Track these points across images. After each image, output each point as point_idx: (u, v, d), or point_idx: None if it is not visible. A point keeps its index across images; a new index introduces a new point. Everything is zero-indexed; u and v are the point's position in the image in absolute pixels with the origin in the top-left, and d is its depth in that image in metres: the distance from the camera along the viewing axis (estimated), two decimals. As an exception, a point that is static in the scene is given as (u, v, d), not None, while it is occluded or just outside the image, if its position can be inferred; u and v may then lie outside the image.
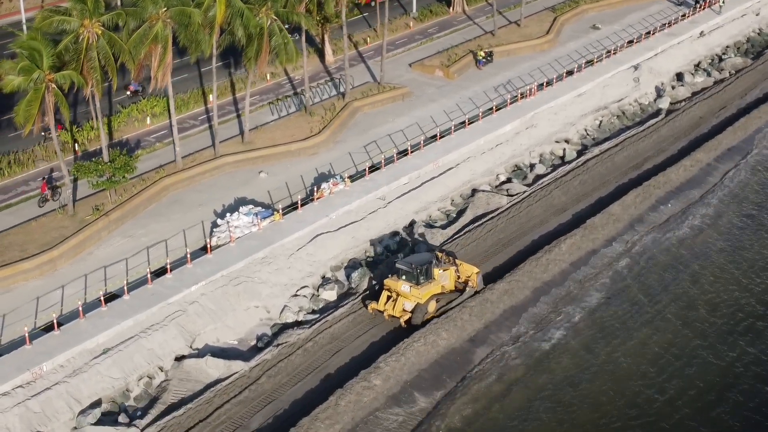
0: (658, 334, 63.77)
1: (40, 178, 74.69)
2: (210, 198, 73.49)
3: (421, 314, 61.26)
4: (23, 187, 74.02)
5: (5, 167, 76.36)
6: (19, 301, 60.85)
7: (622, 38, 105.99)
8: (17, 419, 51.91)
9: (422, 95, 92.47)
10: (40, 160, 77.77)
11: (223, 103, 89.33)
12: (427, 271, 61.75)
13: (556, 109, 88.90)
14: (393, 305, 61.49)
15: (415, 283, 61.35)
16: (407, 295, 61.38)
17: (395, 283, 61.91)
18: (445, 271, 63.13)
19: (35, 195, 72.94)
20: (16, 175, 75.83)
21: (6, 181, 74.95)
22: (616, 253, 71.64)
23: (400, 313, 61.37)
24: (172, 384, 56.61)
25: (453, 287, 64.06)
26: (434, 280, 62.17)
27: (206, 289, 61.90)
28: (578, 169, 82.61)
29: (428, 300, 61.56)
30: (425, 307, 61.40)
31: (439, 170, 77.88)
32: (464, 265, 64.76)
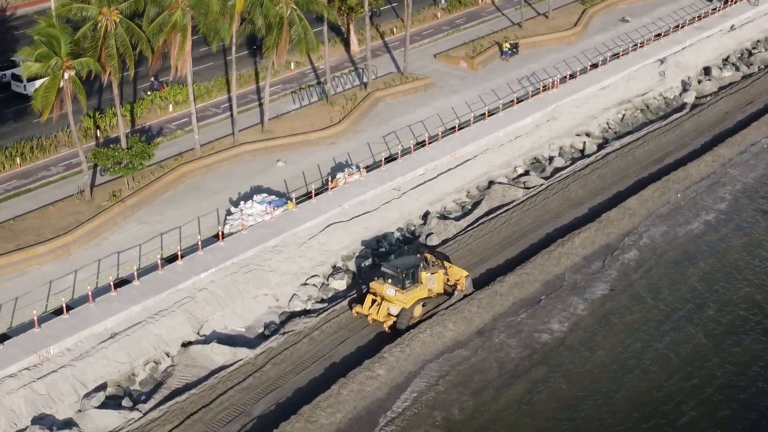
0: (662, 329, 63.29)
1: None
2: (227, 186, 74.02)
3: (406, 319, 59.96)
4: (44, 172, 74.97)
5: (27, 152, 77.28)
6: (33, 285, 61.69)
7: (651, 31, 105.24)
8: (22, 401, 52.75)
9: (445, 86, 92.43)
10: (62, 145, 78.57)
11: (246, 92, 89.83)
12: (413, 274, 60.38)
13: (578, 102, 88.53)
14: (377, 309, 60.17)
15: (400, 288, 59.87)
16: (392, 299, 59.88)
17: (381, 286, 60.50)
18: (434, 274, 61.70)
19: (56, 180, 73.95)
20: (37, 161, 76.82)
21: (27, 165, 75.94)
22: (626, 247, 70.92)
23: (383, 318, 60.05)
24: (178, 369, 57.22)
25: (442, 290, 62.81)
26: (421, 284, 60.75)
27: (216, 276, 62.42)
28: (597, 162, 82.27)
29: (414, 305, 60.22)
30: (410, 311, 60.06)
31: (456, 162, 77.90)
32: (453, 268, 63.34)
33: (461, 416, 55.48)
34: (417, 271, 60.60)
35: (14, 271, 63.00)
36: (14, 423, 52.07)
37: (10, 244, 64.75)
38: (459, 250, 69.43)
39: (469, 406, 56.25)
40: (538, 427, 55.31)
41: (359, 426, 54.59)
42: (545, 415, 56.05)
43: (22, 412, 52.55)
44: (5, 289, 61.20)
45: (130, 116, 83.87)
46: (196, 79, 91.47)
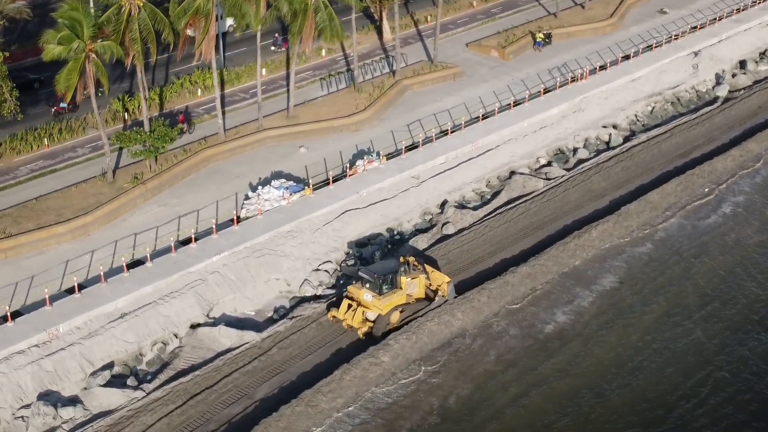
0: (667, 325, 62.87)
1: (178, 111, 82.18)
2: (248, 170, 74.69)
3: (381, 326, 58.62)
4: (70, 154, 76.16)
5: (56, 134, 78.55)
6: (50, 264, 62.81)
7: (688, 23, 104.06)
8: (29, 377, 53.83)
9: (474, 75, 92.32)
10: (90, 127, 79.74)
11: (276, 77, 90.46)
12: (391, 280, 59.11)
13: (606, 94, 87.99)
14: (352, 315, 58.78)
15: (377, 293, 58.73)
16: (369, 304, 58.81)
17: (358, 291, 59.30)
18: (414, 279, 60.28)
19: (81, 161, 75.14)
20: (65, 142, 78.03)
21: (55, 146, 77.20)
22: (642, 240, 70.52)
23: (358, 324, 58.71)
24: (185, 351, 58.04)
25: (423, 295, 61.24)
26: (399, 290, 59.47)
27: (228, 260, 63.11)
28: (622, 155, 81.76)
29: (390, 311, 58.89)
30: (387, 318, 58.72)
31: (477, 151, 77.90)
32: (435, 273, 61.80)
33: (457, 404, 55.75)
34: (396, 276, 59.35)
35: (33, 250, 64.16)
36: (20, 398, 53.20)
37: (31, 223, 65.95)
38: (474, 240, 69.48)
39: (466, 394, 56.47)
40: (531, 417, 55.35)
41: (358, 411, 54.80)
42: (539, 405, 56.09)
43: (28, 388, 53.64)
44: (23, 267, 62.35)
45: (159, 100, 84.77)
46: (228, 65, 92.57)
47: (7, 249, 63.64)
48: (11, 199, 69.36)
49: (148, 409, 53.66)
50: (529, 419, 55.17)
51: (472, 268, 67.03)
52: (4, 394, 52.86)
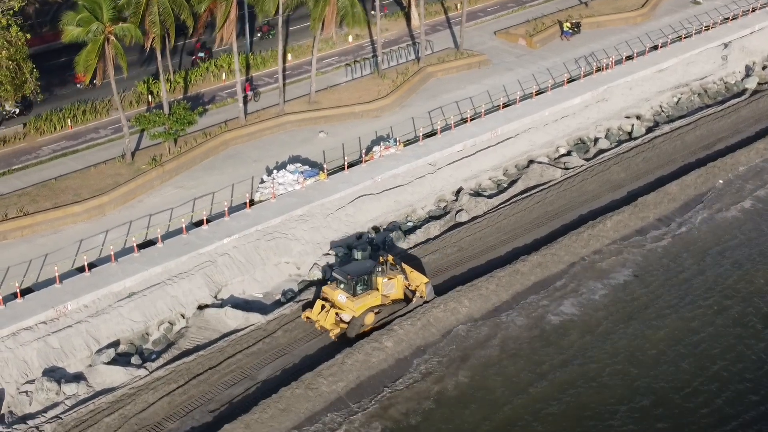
0: (681, 319, 62.17)
1: (245, 80, 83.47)
2: (266, 154, 75.16)
3: (355, 327, 57.67)
4: (93, 135, 77.19)
5: (80, 115, 79.57)
6: (64, 243, 63.71)
7: (721, 14, 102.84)
8: (35, 353, 54.74)
9: (500, 63, 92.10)
10: (113, 109, 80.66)
11: (301, 63, 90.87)
12: (366, 281, 58.13)
13: (631, 84, 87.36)
14: (325, 316, 57.60)
15: (351, 294, 57.72)
16: (343, 305, 57.79)
17: (333, 291, 58.34)
18: (391, 279, 59.02)
19: (103, 142, 76.11)
20: (88, 123, 79.08)
21: (78, 127, 78.25)
22: (658, 232, 69.97)
23: (330, 326, 57.45)
24: (191, 331, 58.68)
25: (401, 296, 59.98)
26: (374, 291, 58.34)
27: (239, 242, 63.64)
28: (644, 145, 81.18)
29: (364, 313, 57.80)
30: (361, 319, 57.72)
31: (496, 139, 77.76)
32: (414, 273, 60.63)
33: (455, 392, 55.77)
34: (371, 277, 58.29)
35: (48, 229, 65.14)
36: (25, 374, 54.12)
37: (48, 203, 66.95)
38: (487, 228, 69.49)
39: (465, 382, 56.48)
40: (528, 405, 55.18)
41: (358, 395, 55.08)
42: (538, 394, 55.86)
43: (33, 364, 54.53)
44: (38, 246, 63.33)
45: (184, 83, 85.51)
46: (256, 49, 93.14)
47: (23, 227, 64.63)
48: (32, 178, 70.45)
49: (150, 388, 54.34)
50: (526, 408, 54.97)
51: (484, 255, 67.00)
52: (10, 369, 53.78)
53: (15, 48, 68.30)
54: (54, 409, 52.80)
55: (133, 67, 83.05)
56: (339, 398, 54.88)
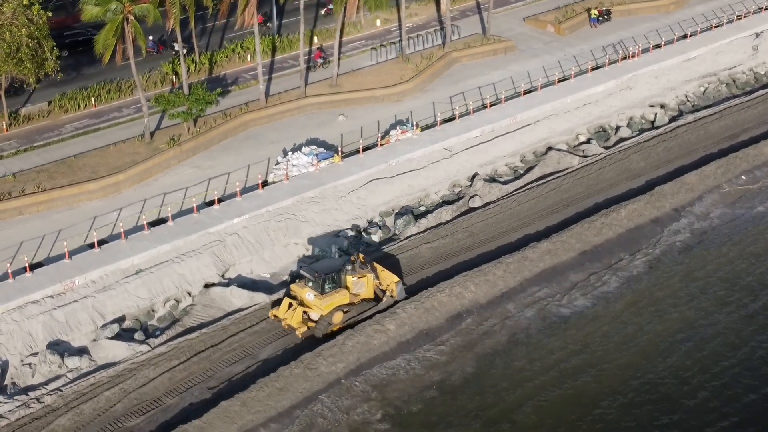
0: (695, 315, 61.25)
1: (316, 47, 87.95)
2: (284, 136, 75.59)
3: (323, 327, 56.55)
4: (115, 114, 78.14)
5: (104, 94, 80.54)
6: (78, 219, 64.70)
7: (758, 3, 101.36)
8: (41, 326, 55.70)
9: (526, 50, 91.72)
10: (138, 88, 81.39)
11: (327, 46, 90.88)
12: (334, 279, 57.04)
13: (657, 73, 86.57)
14: (292, 314, 56.58)
15: (319, 292, 56.67)
16: (310, 304, 56.74)
17: (301, 289, 57.22)
18: (361, 278, 57.93)
19: (124, 121, 77.04)
20: (112, 102, 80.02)
21: (102, 106, 79.25)
22: (677, 225, 69.32)
23: (297, 324, 56.33)
24: (196, 309, 59.32)
25: (372, 295, 58.85)
26: (343, 289, 57.32)
27: (249, 223, 64.16)
28: (665, 135, 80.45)
29: (332, 311, 56.71)
30: (329, 318, 56.57)
31: (515, 125, 77.54)
32: (384, 272, 59.26)
33: (457, 379, 55.61)
34: (339, 275, 57.27)
35: (64, 206, 66.16)
36: (30, 346, 55.10)
37: (65, 180, 67.96)
38: (500, 214, 69.42)
39: (467, 370, 56.36)
40: (530, 394, 54.96)
41: (357, 377, 55.32)
42: (541, 385, 55.49)
43: (38, 337, 55.49)
44: (53, 221, 64.36)
45: (209, 64, 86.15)
46: (285, 31, 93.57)
47: (39, 203, 65.71)
48: (53, 155, 71.51)
49: (151, 363, 55.07)
50: (529, 397, 54.67)
51: (494, 241, 66.93)
52: (15, 341, 54.77)
53: (36, 26, 69.14)
54: (56, 381, 53.71)
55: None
56: (338, 380, 55.16)
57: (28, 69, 69.55)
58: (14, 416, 51.27)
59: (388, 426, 52.13)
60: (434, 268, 64.03)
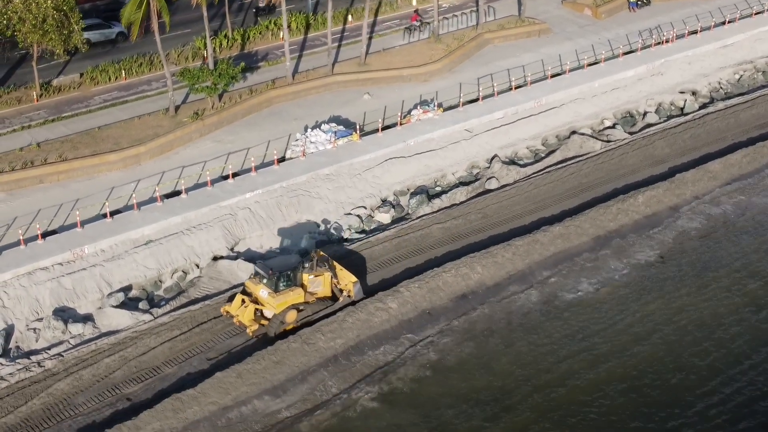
0: (702, 304, 60.44)
1: (413, 10, 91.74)
2: (308, 113, 76.06)
3: (275, 325, 55.11)
4: (144, 87, 79.22)
5: (135, 67, 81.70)
6: (96, 189, 65.82)
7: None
8: (48, 292, 56.89)
9: (561, 33, 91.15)
10: (170, 62, 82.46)
11: (361, 24, 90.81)
12: (289, 277, 55.51)
13: (691, 59, 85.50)
14: (244, 311, 55.26)
15: (273, 290, 55.16)
16: (264, 301, 55.31)
17: (255, 286, 55.69)
18: (318, 276, 56.71)
19: (152, 95, 78.10)
20: (142, 75, 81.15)
21: (132, 79, 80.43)
22: (692, 212, 68.53)
23: (249, 322, 54.98)
24: (202, 281, 60.10)
25: (329, 293, 57.47)
26: (298, 288, 55.86)
27: (261, 198, 64.80)
28: (693, 122, 79.39)
29: (285, 310, 55.32)
30: (282, 317, 55.19)
31: (540, 108, 77.20)
32: (343, 272, 57.78)
33: (454, 360, 55.43)
34: (295, 272, 55.71)
35: (83, 176, 67.36)
36: (36, 312, 56.31)
37: (87, 150, 69.18)
38: (516, 196, 69.21)
39: (465, 351, 56.25)
40: (526, 376, 54.79)
41: (355, 355, 55.69)
42: (539, 369, 55.21)
43: (45, 303, 56.66)
44: (71, 191, 65.61)
45: (241, 41, 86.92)
46: (321, 9, 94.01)
47: (60, 172, 66.97)
48: (79, 126, 72.78)
49: (153, 333, 55.93)
50: (525, 380, 54.44)
51: (507, 224, 66.72)
52: (22, 306, 56.01)
53: (62, -2, 70.44)
54: (58, 347, 54.82)
55: (195, 23, 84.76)
56: (335, 356, 55.46)
57: (55, 40, 70.76)
58: (14, 379, 52.41)
59: (377, 404, 52.35)
60: (443, 249, 64.00)
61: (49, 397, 51.69)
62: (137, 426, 49.67)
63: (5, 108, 74.96)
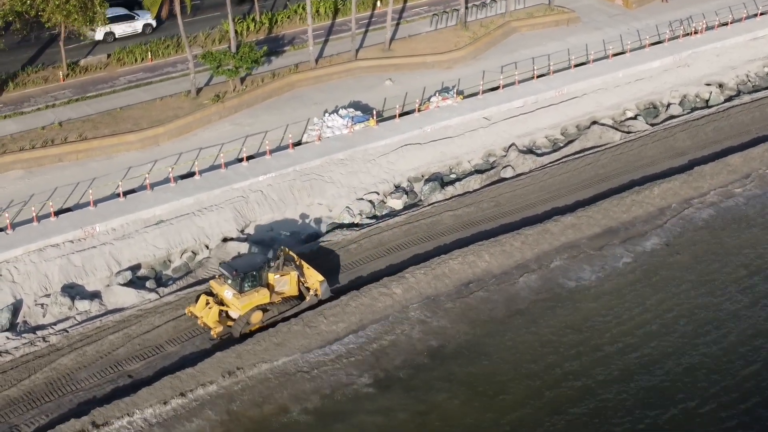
0: (701, 295, 60.04)
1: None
2: (329, 98, 76.42)
3: (239, 326, 54.32)
4: (169, 69, 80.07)
5: (162, 49, 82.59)
6: (113, 169, 66.75)
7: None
8: (57, 269, 57.89)
9: (590, 22, 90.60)
10: (196, 45, 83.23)
11: (392, 10, 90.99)
12: (254, 277, 54.58)
13: (719, 51, 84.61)
14: (208, 312, 54.41)
15: (238, 291, 54.36)
16: (229, 302, 54.58)
17: (220, 287, 54.95)
18: (284, 276, 55.84)
19: (176, 77, 78.86)
20: (168, 57, 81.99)
21: (158, 61, 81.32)
22: (705, 204, 67.98)
23: (213, 323, 54.15)
24: (211, 262, 60.74)
25: (296, 293, 56.63)
26: (263, 288, 54.95)
27: (274, 181, 65.31)
28: (717, 114, 78.63)
29: (250, 311, 54.42)
30: (246, 318, 54.39)
31: (561, 98, 76.93)
32: (310, 270, 56.86)
33: (452, 347, 55.49)
34: (260, 272, 54.90)
35: (102, 155, 68.35)
36: (45, 287, 57.34)
37: (107, 130, 70.15)
38: (530, 186, 69.12)
39: (464, 338, 56.25)
40: (520, 363, 54.77)
41: (356, 339, 56.04)
42: (534, 358, 55.22)
43: (54, 279, 57.67)
44: (89, 169, 66.64)
45: (269, 24, 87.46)
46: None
47: (79, 151, 68.01)
48: (102, 106, 73.79)
49: (158, 311, 56.73)
50: (519, 368, 54.49)
51: (519, 213, 66.69)
52: (31, 281, 57.07)
53: (84, -21, 71.36)
54: (64, 323, 55.80)
55: (225, 7, 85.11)
56: (336, 340, 55.91)
57: (77, 21, 71.71)
58: (19, 353, 53.49)
59: (371, 389, 52.63)
60: (453, 236, 64.16)
61: (52, 371, 52.68)
62: (135, 402, 50.37)
63: (32, 87, 76.15)
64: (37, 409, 50.38)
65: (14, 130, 69.57)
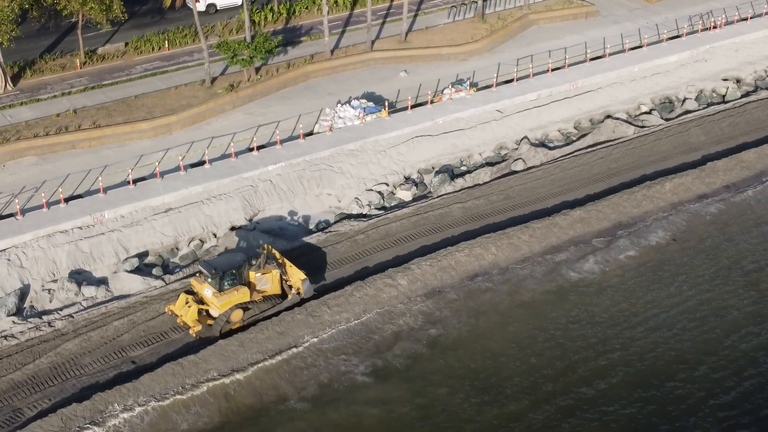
0: (704, 289, 59.66)
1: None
2: (343, 88, 76.60)
3: (219, 325, 53.72)
4: (186, 58, 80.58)
5: (180, 38, 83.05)
6: (125, 157, 67.37)
7: None
8: (65, 255, 58.45)
9: (609, 15, 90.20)
10: (213, 35, 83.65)
11: (411, 2, 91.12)
12: (233, 275, 53.76)
13: (738, 46, 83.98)
14: (188, 311, 53.96)
15: (217, 290, 53.65)
16: (208, 301, 53.89)
17: (200, 285, 54.19)
18: (265, 274, 55.00)
19: (192, 66, 79.34)
20: (185, 46, 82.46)
21: (175, 50, 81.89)
22: (713, 200, 67.54)
23: (192, 322, 53.69)
24: (218, 250, 61.07)
25: (278, 291, 55.88)
26: (243, 287, 54.14)
27: (283, 170, 65.58)
28: (733, 110, 78.05)
29: (230, 310, 53.77)
30: (226, 316, 53.74)
31: (575, 91, 76.67)
32: (293, 268, 55.80)
33: (451, 338, 55.60)
34: (241, 271, 54.15)
35: (115, 143, 68.97)
36: (52, 273, 57.91)
37: (121, 118, 70.67)
38: (541, 179, 68.95)
39: (464, 329, 56.31)
40: (520, 355, 54.73)
41: (358, 329, 56.17)
42: (533, 350, 55.16)
43: (62, 265, 58.23)
44: (102, 157, 67.28)
45: (287, 15, 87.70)
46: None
47: (92, 139, 68.69)
48: (117, 94, 74.40)
49: (163, 298, 57.12)
50: (519, 360, 54.44)
51: (529, 206, 66.53)
52: (39, 267, 57.65)
53: (101, -33, 71.85)
54: (70, 308, 56.31)
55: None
56: (339, 329, 56.07)
57: (93, 9, 72.22)
58: (24, 337, 54.06)
59: (369, 379, 52.81)
60: (461, 228, 64.16)
61: (56, 356, 53.22)
62: (136, 388, 50.78)
63: (49, 74, 76.90)
64: (40, 393, 50.96)
65: (29, 117, 70.22)
